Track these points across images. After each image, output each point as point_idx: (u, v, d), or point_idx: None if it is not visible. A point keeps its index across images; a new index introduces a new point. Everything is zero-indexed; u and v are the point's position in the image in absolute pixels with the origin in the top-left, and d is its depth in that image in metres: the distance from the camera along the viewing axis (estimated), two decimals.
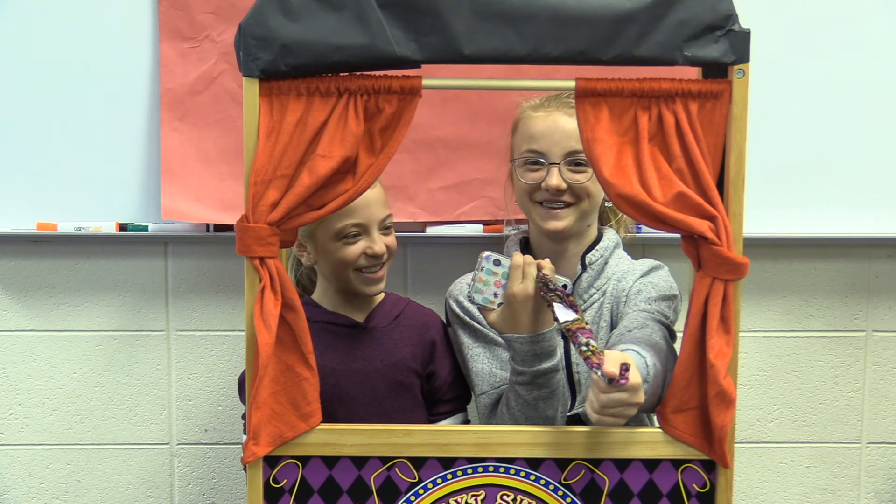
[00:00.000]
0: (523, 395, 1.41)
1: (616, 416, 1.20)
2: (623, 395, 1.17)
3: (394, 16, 1.22)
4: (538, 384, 1.40)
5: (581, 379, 1.53)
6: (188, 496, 2.05)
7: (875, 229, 1.93)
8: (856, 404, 2.04)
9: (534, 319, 1.35)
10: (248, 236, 1.25)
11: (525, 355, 1.37)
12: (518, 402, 1.42)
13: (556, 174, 1.50)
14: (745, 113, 1.25)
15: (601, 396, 1.18)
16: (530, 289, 1.33)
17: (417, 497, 1.32)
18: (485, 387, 1.54)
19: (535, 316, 1.35)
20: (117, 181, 1.90)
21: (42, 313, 2.00)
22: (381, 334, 1.57)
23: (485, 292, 1.36)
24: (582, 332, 1.22)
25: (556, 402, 1.42)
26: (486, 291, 1.36)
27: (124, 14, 1.87)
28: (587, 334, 1.22)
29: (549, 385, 1.40)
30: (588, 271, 1.55)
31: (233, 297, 1.99)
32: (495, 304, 1.37)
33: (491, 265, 1.36)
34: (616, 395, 1.17)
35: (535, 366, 1.38)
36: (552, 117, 1.51)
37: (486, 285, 1.36)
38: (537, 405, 1.41)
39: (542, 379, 1.39)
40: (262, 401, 1.27)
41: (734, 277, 1.24)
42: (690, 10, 1.21)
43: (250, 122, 1.25)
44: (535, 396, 1.41)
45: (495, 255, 1.36)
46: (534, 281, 1.33)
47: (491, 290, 1.36)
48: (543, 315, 1.36)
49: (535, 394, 1.40)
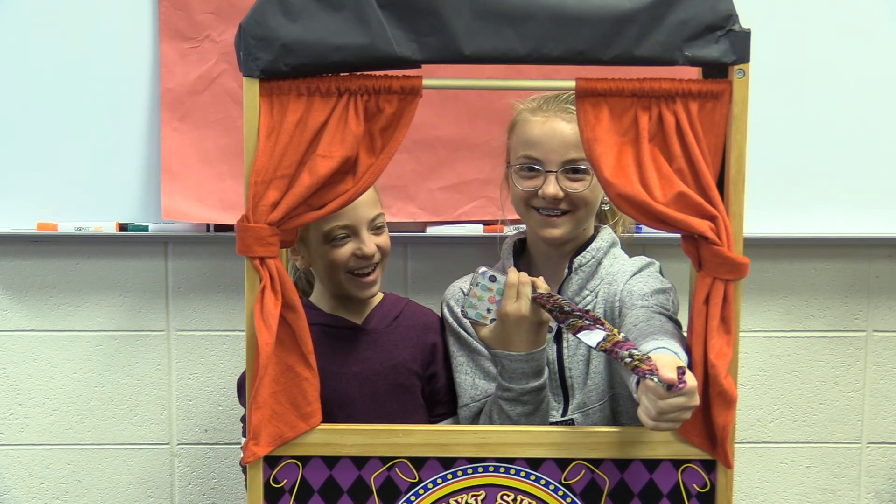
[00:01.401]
0: (507, 410, 1.41)
1: (674, 420, 1.16)
2: (681, 400, 1.13)
3: (394, 16, 1.22)
4: (523, 401, 1.40)
5: (574, 384, 1.52)
6: (188, 496, 2.05)
7: (875, 229, 1.93)
8: (856, 404, 2.04)
9: (526, 339, 1.35)
10: (248, 236, 1.25)
11: (514, 373, 1.38)
12: (501, 417, 1.42)
13: (554, 183, 1.48)
14: (745, 113, 1.24)
15: (659, 403, 1.13)
16: (524, 309, 1.33)
17: (417, 497, 1.32)
18: (466, 399, 1.54)
19: (527, 336, 1.35)
20: (117, 181, 1.90)
21: (42, 313, 2.00)
22: (381, 336, 1.56)
23: (478, 307, 1.37)
24: (619, 346, 1.20)
25: (539, 419, 1.42)
26: (480, 307, 1.37)
27: (124, 14, 1.87)
28: (626, 345, 1.20)
29: (534, 402, 1.40)
30: (577, 274, 1.53)
31: (233, 297, 1.99)
32: (488, 320, 1.37)
33: (486, 281, 1.36)
34: (675, 400, 1.13)
35: (524, 384, 1.38)
36: (550, 123, 1.49)
37: (480, 301, 1.37)
38: (519, 421, 1.41)
39: (528, 396, 1.39)
40: (262, 401, 1.27)
41: (734, 277, 1.24)
42: (690, 10, 1.21)
43: (250, 122, 1.25)
44: (519, 413, 1.41)
45: (491, 272, 1.36)
46: (528, 300, 1.34)
47: (484, 306, 1.37)
48: (537, 335, 1.36)
49: (519, 410, 1.40)
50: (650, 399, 1.14)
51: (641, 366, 1.14)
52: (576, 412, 1.51)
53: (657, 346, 1.23)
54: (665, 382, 1.11)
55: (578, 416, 1.51)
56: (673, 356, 1.18)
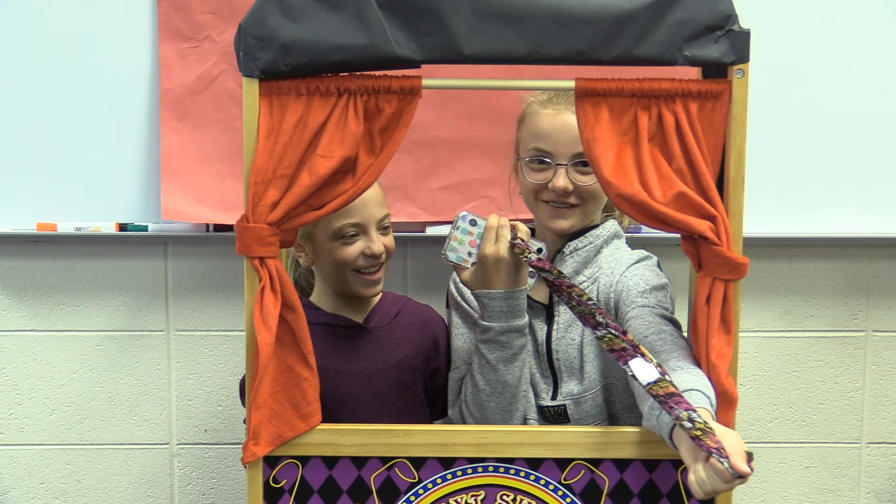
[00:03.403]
0: (486, 354, 1.42)
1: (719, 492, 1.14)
2: (737, 482, 1.11)
3: (394, 16, 1.22)
4: (501, 343, 1.41)
5: (562, 366, 1.52)
6: (188, 496, 2.05)
7: (875, 229, 1.93)
8: (856, 404, 2.04)
9: (506, 279, 1.38)
10: (247, 236, 1.25)
11: (493, 311, 1.39)
12: (480, 364, 1.43)
13: (563, 175, 1.49)
14: (744, 113, 1.25)
15: (720, 486, 1.10)
16: (503, 251, 1.37)
17: (417, 497, 1.32)
18: (459, 363, 1.54)
19: (507, 276, 1.38)
20: (117, 181, 1.90)
21: (42, 313, 2.00)
22: (382, 334, 1.56)
23: (459, 251, 1.40)
24: (674, 400, 1.13)
25: (517, 368, 1.42)
26: (461, 250, 1.40)
27: (124, 14, 1.87)
28: (682, 402, 1.12)
29: (512, 346, 1.41)
30: (571, 258, 1.53)
31: (233, 297, 1.99)
32: (468, 264, 1.40)
33: (467, 224, 1.40)
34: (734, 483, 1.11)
35: (502, 322, 1.39)
36: (561, 116, 1.50)
37: (461, 244, 1.40)
38: (497, 367, 1.42)
39: (506, 337, 1.40)
40: (262, 401, 1.27)
41: (734, 277, 1.24)
42: (690, 10, 1.21)
43: (250, 122, 1.25)
44: (497, 357, 1.41)
45: (472, 216, 1.40)
46: (507, 243, 1.37)
47: (465, 250, 1.40)
48: (517, 276, 1.39)
49: (497, 354, 1.41)
50: (712, 478, 1.10)
51: (707, 441, 1.08)
52: (568, 399, 1.51)
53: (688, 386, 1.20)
54: (737, 472, 1.07)
55: (570, 403, 1.51)
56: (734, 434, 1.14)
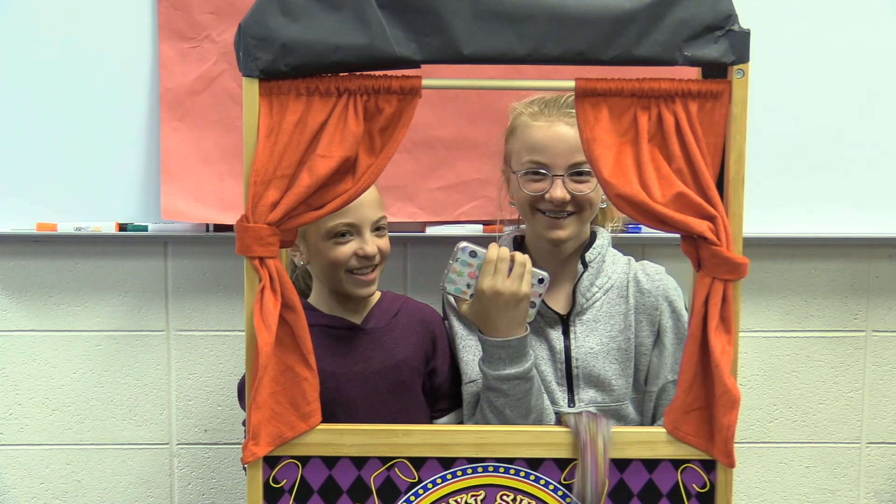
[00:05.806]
0: (492, 400, 1.42)
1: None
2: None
3: (394, 16, 1.22)
4: (504, 391, 1.40)
5: (580, 374, 1.53)
6: (188, 496, 2.05)
7: (875, 229, 1.93)
8: (855, 404, 2.04)
9: (504, 316, 1.37)
10: (247, 236, 1.25)
11: (493, 357, 1.39)
12: (489, 405, 1.43)
13: (560, 186, 1.50)
14: (744, 113, 1.24)
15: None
16: (499, 285, 1.36)
17: (417, 497, 1.32)
18: (473, 376, 1.54)
19: (504, 312, 1.37)
20: (117, 181, 1.90)
21: (42, 313, 2.00)
22: (380, 335, 1.56)
23: (458, 283, 1.39)
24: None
25: (524, 408, 1.42)
26: (459, 282, 1.39)
27: (124, 14, 1.87)
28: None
29: (515, 393, 1.40)
30: (589, 269, 1.56)
31: (232, 297, 1.99)
32: (467, 295, 1.40)
33: (467, 256, 1.39)
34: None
35: (499, 370, 1.39)
36: (554, 128, 1.50)
37: (460, 276, 1.39)
38: (504, 411, 1.42)
39: (507, 385, 1.40)
40: (261, 401, 1.27)
41: (734, 277, 1.24)
42: (690, 10, 1.21)
43: (250, 122, 1.25)
44: (503, 403, 1.41)
45: (472, 247, 1.38)
46: (504, 276, 1.36)
47: (464, 281, 1.39)
48: (514, 311, 1.37)
49: (502, 401, 1.41)
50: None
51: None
52: (591, 405, 1.52)
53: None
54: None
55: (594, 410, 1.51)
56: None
